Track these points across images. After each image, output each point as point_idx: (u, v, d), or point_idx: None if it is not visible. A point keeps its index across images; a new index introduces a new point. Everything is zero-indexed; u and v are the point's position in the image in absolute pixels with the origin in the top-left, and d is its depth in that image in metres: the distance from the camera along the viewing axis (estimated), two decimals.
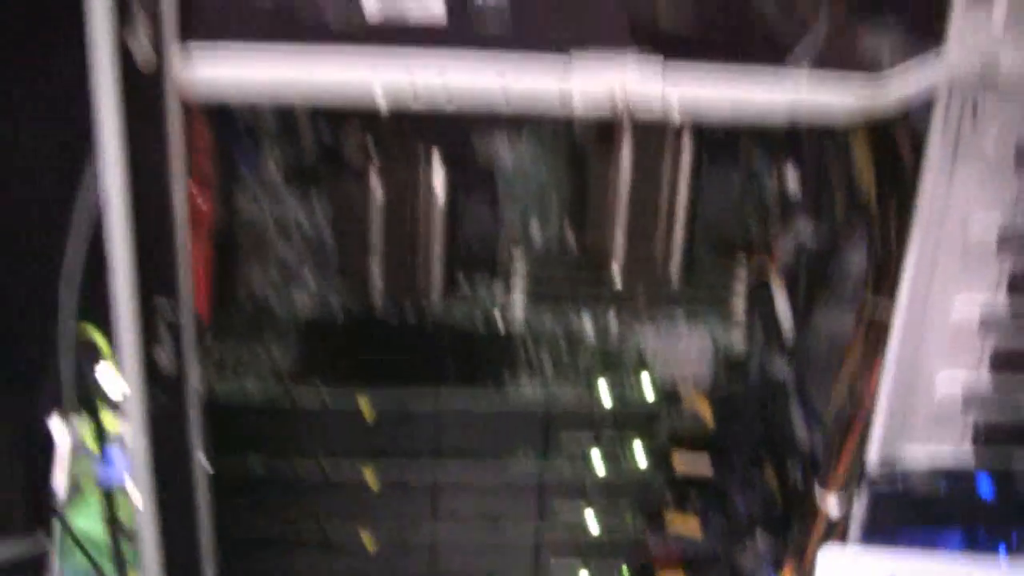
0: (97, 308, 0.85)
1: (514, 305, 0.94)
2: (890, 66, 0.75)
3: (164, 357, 0.77)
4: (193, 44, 0.70)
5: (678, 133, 0.82)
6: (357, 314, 0.93)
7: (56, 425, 1.04)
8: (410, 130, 0.82)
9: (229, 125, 0.85)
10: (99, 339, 1.02)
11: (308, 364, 0.94)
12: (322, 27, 0.70)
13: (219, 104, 0.75)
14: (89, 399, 0.97)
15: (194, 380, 0.79)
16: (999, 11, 0.74)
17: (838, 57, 0.74)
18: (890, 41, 0.76)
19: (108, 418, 0.98)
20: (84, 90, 0.72)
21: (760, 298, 0.95)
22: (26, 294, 1.20)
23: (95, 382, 0.96)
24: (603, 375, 0.95)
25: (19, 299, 1.21)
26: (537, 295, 0.95)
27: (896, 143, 0.80)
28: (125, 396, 0.79)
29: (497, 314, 0.95)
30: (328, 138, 0.87)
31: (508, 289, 0.94)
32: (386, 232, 0.86)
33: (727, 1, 0.73)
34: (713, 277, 0.95)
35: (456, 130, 0.84)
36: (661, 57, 0.72)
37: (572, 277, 0.94)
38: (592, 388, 0.95)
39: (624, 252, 0.87)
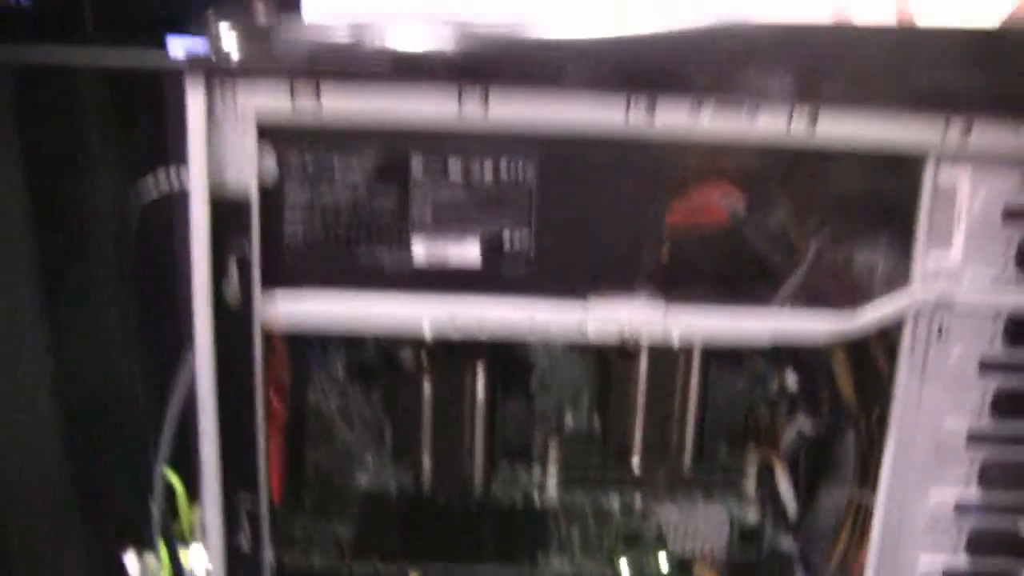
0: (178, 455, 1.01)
1: (548, 487, 1.08)
2: (863, 301, 0.88)
3: (244, 541, 0.91)
4: (275, 289, 0.85)
5: (687, 350, 0.95)
6: (409, 495, 1.07)
7: (130, 561, 1.19)
8: (456, 344, 0.96)
9: (303, 339, 1.00)
10: (177, 483, 1.17)
11: (365, 539, 1.07)
12: (379, 272, 0.86)
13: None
14: (168, 538, 1.11)
15: (268, 556, 0.93)
16: (956, 250, 0.88)
17: (816, 295, 0.88)
18: (862, 281, 0.89)
19: (183, 555, 1.13)
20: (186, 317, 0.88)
21: (767, 480, 1.08)
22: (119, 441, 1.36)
23: (171, 522, 1.11)
24: (626, 550, 1.08)
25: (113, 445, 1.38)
26: (568, 478, 1.08)
27: (871, 356, 0.93)
28: (208, 572, 0.93)
29: (533, 495, 1.08)
30: (387, 347, 1.01)
31: (543, 473, 1.08)
32: (435, 424, 1.00)
33: (719, 254, 0.87)
34: (725, 462, 1.07)
35: (496, 342, 0.98)
36: (663, 299, 0.87)
37: (600, 462, 1.07)
38: (615, 561, 1.08)
39: (643, 443, 1.00)
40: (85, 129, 1.56)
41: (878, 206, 0.90)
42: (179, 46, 1.43)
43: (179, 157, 0.85)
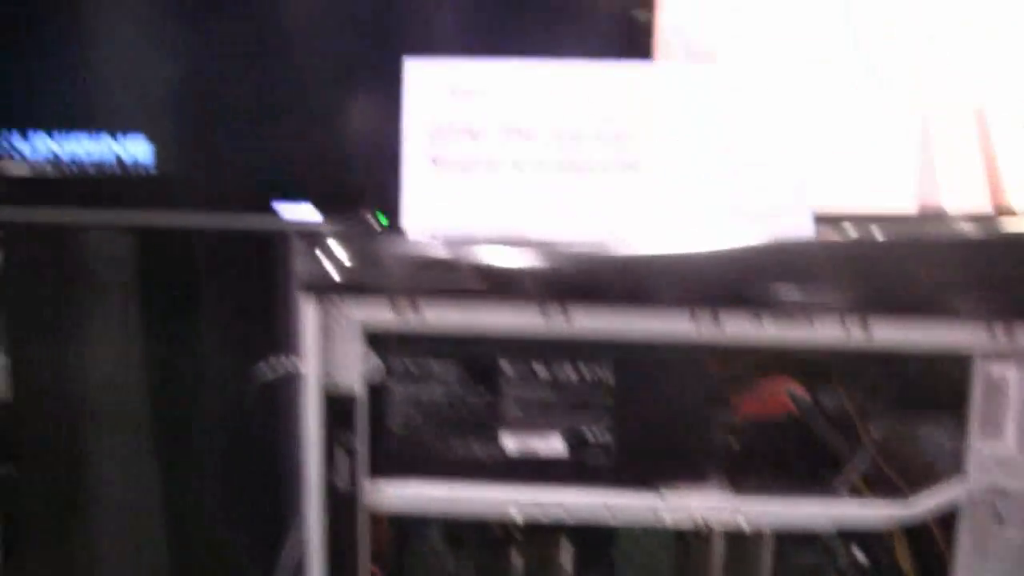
0: None
1: None
2: (920, 487, 0.95)
3: None
4: (379, 478, 0.95)
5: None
6: None
7: None
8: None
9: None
10: None
11: None
12: (474, 463, 0.95)
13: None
14: None
15: None
16: (1009, 440, 0.95)
17: (875, 482, 0.95)
18: (919, 468, 0.96)
19: None
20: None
21: None
22: None
23: None
24: None
25: None
26: None
27: (930, 538, 0.99)
28: None
29: None
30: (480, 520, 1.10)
31: None
32: None
33: (783, 445, 0.95)
34: None
35: None
36: (732, 487, 0.95)
37: None
38: None
39: None
40: (200, 291, 1.69)
41: (932, 398, 0.97)
42: (288, 212, 1.56)
43: (288, 332, 0.96)
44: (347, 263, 0.91)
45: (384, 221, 1.07)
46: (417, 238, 0.94)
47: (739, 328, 0.90)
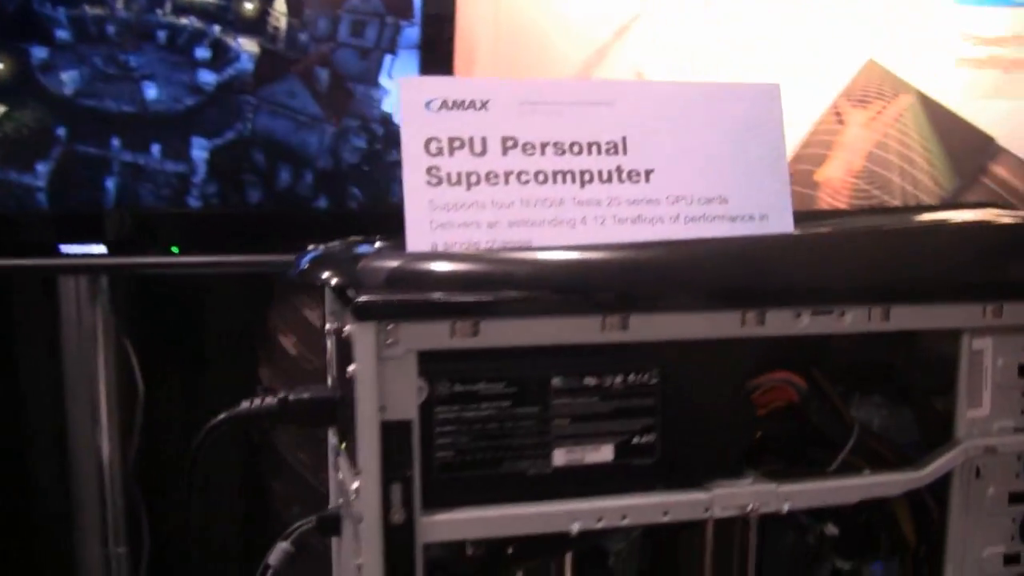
0: None
1: None
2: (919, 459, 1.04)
3: None
4: (432, 509, 0.93)
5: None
6: None
7: None
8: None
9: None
10: None
11: None
12: (525, 481, 0.95)
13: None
14: None
15: None
16: (986, 406, 1.05)
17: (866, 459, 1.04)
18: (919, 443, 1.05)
19: None
20: None
21: None
22: None
23: None
24: None
25: None
26: None
27: (926, 502, 1.08)
28: None
29: None
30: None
31: None
32: None
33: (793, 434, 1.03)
34: None
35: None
36: (766, 477, 1.01)
37: None
38: None
39: None
40: None
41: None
42: None
43: None
44: (399, 284, 0.89)
45: None
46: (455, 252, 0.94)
47: (781, 324, 0.95)
